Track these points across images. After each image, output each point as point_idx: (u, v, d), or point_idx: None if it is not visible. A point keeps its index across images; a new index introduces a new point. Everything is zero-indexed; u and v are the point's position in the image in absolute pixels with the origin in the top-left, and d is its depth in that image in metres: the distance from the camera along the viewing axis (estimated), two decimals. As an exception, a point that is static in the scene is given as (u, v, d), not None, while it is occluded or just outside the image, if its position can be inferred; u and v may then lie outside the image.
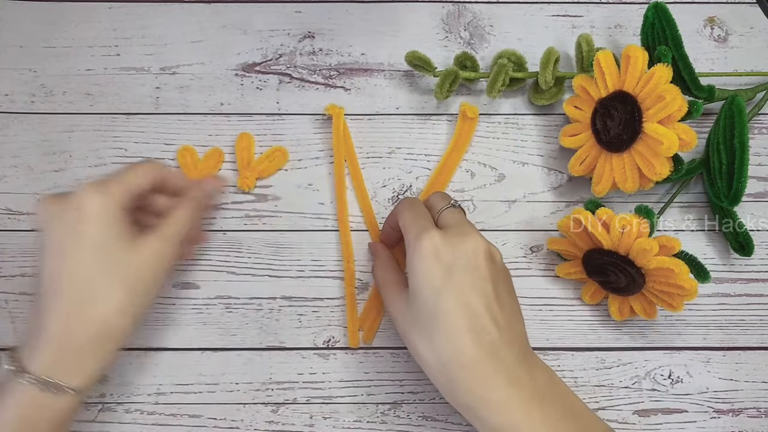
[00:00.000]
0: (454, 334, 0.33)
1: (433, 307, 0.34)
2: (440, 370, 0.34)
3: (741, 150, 0.40)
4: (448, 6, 0.49)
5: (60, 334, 0.34)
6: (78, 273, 0.34)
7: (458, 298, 0.33)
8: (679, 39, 0.40)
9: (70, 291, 0.34)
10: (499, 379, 0.33)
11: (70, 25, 0.48)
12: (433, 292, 0.34)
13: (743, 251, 0.44)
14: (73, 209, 0.35)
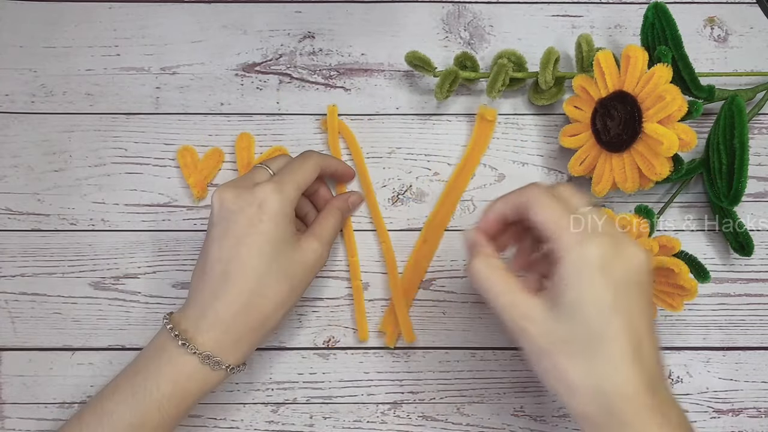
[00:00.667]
0: (622, 361, 0.30)
1: (600, 329, 0.30)
2: (596, 401, 0.30)
3: (741, 150, 0.40)
4: (448, 6, 0.49)
5: (228, 319, 0.36)
6: (253, 266, 0.37)
7: (629, 322, 0.30)
8: (679, 39, 0.40)
9: (244, 282, 0.36)
10: (656, 417, 0.30)
11: (70, 25, 0.48)
12: (603, 313, 0.30)
13: (743, 251, 0.44)
14: (256, 205, 0.37)
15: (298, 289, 0.39)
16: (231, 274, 0.37)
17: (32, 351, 0.44)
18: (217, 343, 0.36)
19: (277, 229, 0.37)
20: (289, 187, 0.38)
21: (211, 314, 0.36)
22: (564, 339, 0.30)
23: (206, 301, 0.37)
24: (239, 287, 0.36)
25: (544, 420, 0.44)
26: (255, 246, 0.37)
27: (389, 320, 0.44)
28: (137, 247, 0.45)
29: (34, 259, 0.45)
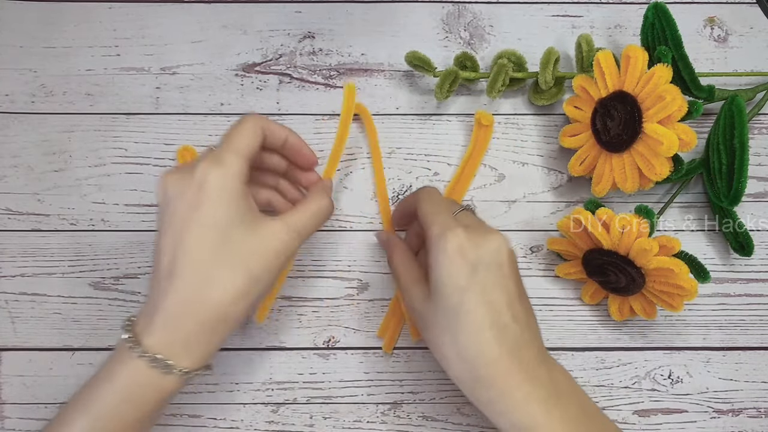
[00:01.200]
0: (478, 332, 0.33)
1: (456, 304, 0.33)
2: (463, 367, 0.34)
3: (741, 150, 0.40)
4: (448, 6, 0.49)
5: (175, 317, 0.33)
6: (197, 256, 0.33)
7: (482, 297, 0.33)
8: (679, 39, 0.40)
9: (189, 273, 0.33)
10: (520, 376, 0.33)
11: (70, 25, 0.48)
12: (458, 290, 0.33)
13: (743, 251, 0.44)
14: (195, 186, 0.33)
15: (262, 278, 0.34)
16: (176, 267, 0.33)
17: (32, 351, 0.44)
18: (166, 344, 0.33)
19: (223, 209, 0.33)
20: (228, 157, 0.34)
21: (160, 313, 0.33)
22: (435, 318, 0.35)
23: (156, 299, 0.33)
24: (184, 280, 0.33)
25: (544, 420, 0.44)
26: (197, 232, 0.33)
27: (387, 325, 0.44)
28: (137, 247, 0.45)
29: (34, 259, 0.45)
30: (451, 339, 0.34)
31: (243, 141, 0.35)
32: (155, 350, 0.33)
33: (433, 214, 0.36)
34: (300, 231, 0.36)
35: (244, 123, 0.36)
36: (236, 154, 0.34)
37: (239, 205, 0.34)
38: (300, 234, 0.36)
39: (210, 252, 0.33)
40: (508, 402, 0.33)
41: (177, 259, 0.33)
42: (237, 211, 0.34)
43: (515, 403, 0.33)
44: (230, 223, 0.33)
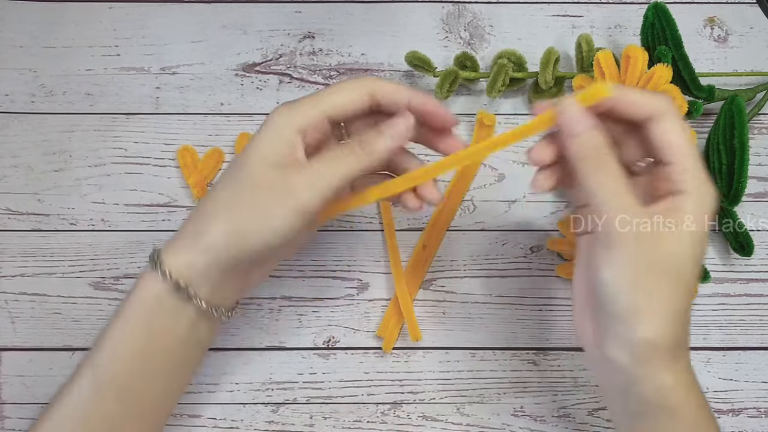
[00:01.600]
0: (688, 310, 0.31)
1: (691, 269, 0.30)
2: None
3: (741, 150, 0.40)
4: (448, 6, 0.49)
5: (190, 244, 0.32)
6: (238, 190, 0.32)
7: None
8: (679, 39, 0.40)
9: (208, 198, 0.33)
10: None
11: (70, 25, 0.48)
12: (697, 256, 0.30)
13: (743, 251, 0.44)
14: (264, 123, 0.33)
15: (251, 210, 0.32)
16: (207, 198, 0.34)
17: (32, 351, 0.44)
18: (186, 266, 0.32)
19: (270, 150, 0.32)
20: (303, 109, 0.32)
21: (180, 238, 0.33)
22: (664, 262, 0.30)
23: (183, 226, 0.34)
24: (204, 202, 0.33)
25: (544, 420, 0.44)
26: (244, 168, 0.32)
27: (387, 325, 0.44)
28: (137, 247, 0.45)
29: (34, 259, 0.45)
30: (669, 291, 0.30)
31: (331, 97, 0.33)
32: (176, 272, 0.32)
33: (690, 149, 0.30)
34: (325, 184, 0.32)
35: (348, 82, 0.33)
36: (314, 107, 0.32)
37: (281, 147, 0.32)
38: (324, 187, 0.32)
39: (230, 184, 0.33)
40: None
41: (207, 197, 0.33)
42: (280, 152, 0.32)
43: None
44: (274, 162, 0.32)
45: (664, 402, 0.30)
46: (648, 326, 0.29)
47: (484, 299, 0.45)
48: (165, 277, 0.32)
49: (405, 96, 0.34)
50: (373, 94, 0.33)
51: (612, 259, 0.29)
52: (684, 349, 0.31)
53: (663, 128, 0.30)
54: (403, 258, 0.45)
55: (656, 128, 0.30)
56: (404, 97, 0.34)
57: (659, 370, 0.30)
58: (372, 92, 0.33)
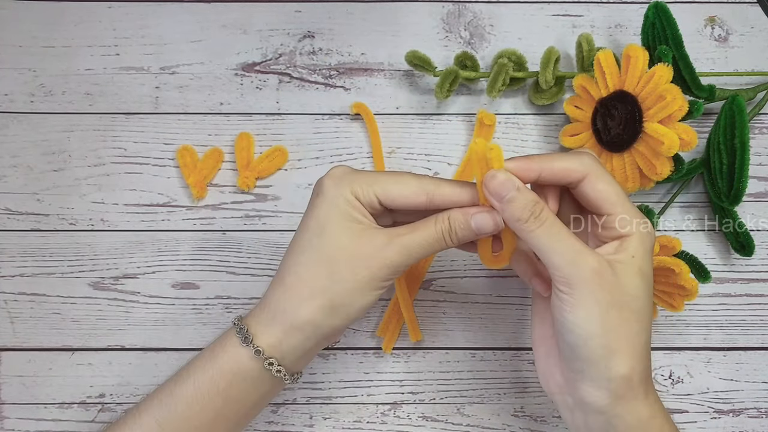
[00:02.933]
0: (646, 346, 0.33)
1: (646, 301, 0.32)
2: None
3: (741, 150, 0.40)
4: (449, 6, 0.49)
5: (272, 314, 0.34)
6: (296, 259, 0.33)
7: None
8: (679, 39, 0.40)
9: (286, 274, 0.34)
10: None
11: (69, 25, 0.48)
12: (649, 290, 0.32)
13: (744, 251, 0.44)
14: (317, 191, 0.34)
15: (356, 290, 0.32)
16: (281, 267, 0.34)
17: (31, 351, 0.44)
18: (279, 342, 0.33)
19: (327, 209, 0.33)
20: (364, 180, 0.33)
21: (262, 309, 0.34)
22: (624, 298, 0.31)
23: (265, 295, 0.35)
24: (283, 263, 0.34)
25: (544, 420, 0.44)
26: (299, 230, 0.34)
27: (387, 325, 0.44)
28: (136, 247, 0.45)
29: (33, 259, 0.45)
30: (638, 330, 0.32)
31: (388, 184, 0.33)
32: (269, 349, 0.33)
33: (622, 197, 0.32)
34: (409, 247, 0.33)
35: (410, 177, 0.34)
36: (366, 185, 0.33)
37: (345, 209, 0.33)
38: (409, 251, 0.33)
39: (301, 243, 0.33)
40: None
41: (285, 258, 0.34)
42: (340, 213, 0.33)
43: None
44: (331, 220, 0.33)
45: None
46: (622, 363, 0.30)
47: (484, 299, 0.45)
48: (257, 355, 0.33)
49: (466, 198, 0.33)
50: (431, 197, 0.33)
51: (576, 302, 0.30)
52: (650, 381, 0.32)
53: (596, 187, 0.32)
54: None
55: (589, 187, 0.32)
56: (464, 198, 0.33)
57: (636, 404, 0.31)
58: (429, 195, 0.33)
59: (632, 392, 0.31)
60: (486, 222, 0.33)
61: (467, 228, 0.33)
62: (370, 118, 0.46)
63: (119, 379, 0.44)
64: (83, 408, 0.44)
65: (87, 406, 0.44)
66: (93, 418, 0.43)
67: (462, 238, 0.33)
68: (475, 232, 0.33)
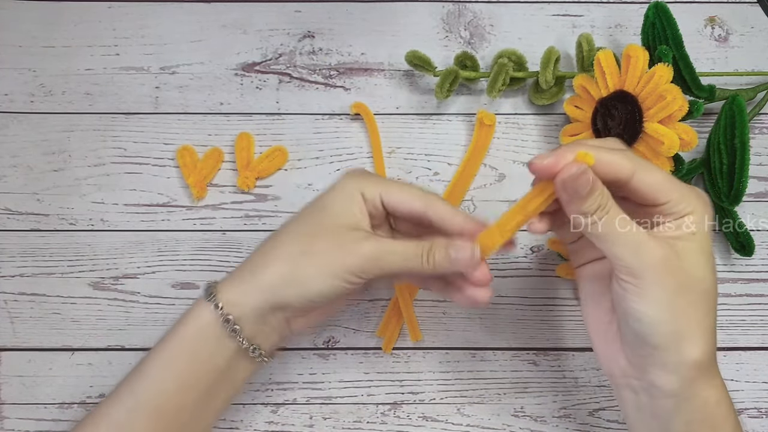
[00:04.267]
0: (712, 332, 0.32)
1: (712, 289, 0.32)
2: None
3: (742, 150, 0.40)
4: (449, 5, 0.49)
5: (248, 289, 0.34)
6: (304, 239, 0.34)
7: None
8: (679, 39, 0.40)
9: (266, 241, 0.35)
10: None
11: (69, 25, 0.48)
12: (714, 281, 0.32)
13: (744, 251, 0.44)
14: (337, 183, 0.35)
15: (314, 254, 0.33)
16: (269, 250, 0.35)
17: (31, 351, 0.44)
18: (239, 301, 0.34)
19: (336, 206, 0.34)
20: (372, 179, 0.35)
21: (238, 278, 0.35)
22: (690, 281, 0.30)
23: (244, 267, 0.35)
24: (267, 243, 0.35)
25: (544, 420, 0.44)
26: (303, 216, 0.35)
27: (387, 325, 0.44)
28: (136, 247, 0.45)
29: (33, 259, 0.45)
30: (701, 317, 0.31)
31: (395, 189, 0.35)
32: (228, 305, 0.34)
33: (673, 183, 0.31)
34: (385, 251, 0.33)
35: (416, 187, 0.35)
36: (379, 184, 0.35)
37: (349, 206, 0.34)
38: (384, 254, 0.33)
39: (294, 228, 0.35)
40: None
41: (275, 235, 0.35)
42: (350, 215, 0.34)
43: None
44: (331, 225, 0.34)
45: (708, 419, 0.31)
46: (694, 347, 0.30)
47: (484, 299, 0.45)
48: (216, 309, 0.34)
49: (458, 223, 0.34)
50: (427, 210, 0.34)
51: (643, 291, 0.30)
52: (716, 362, 0.32)
53: (647, 181, 0.30)
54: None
55: (640, 182, 0.30)
56: (456, 223, 0.34)
57: (706, 388, 0.31)
58: (426, 208, 0.34)
59: (702, 376, 0.30)
60: (464, 254, 0.33)
61: (446, 256, 0.33)
62: (370, 118, 0.46)
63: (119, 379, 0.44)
64: (83, 408, 0.44)
65: (87, 406, 0.44)
66: (93, 418, 0.43)
67: (438, 263, 0.33)
68: (451, 261, 0.33)
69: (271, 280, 0.34)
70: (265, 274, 0.34)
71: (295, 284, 0.33)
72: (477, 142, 0.46)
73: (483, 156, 0.46)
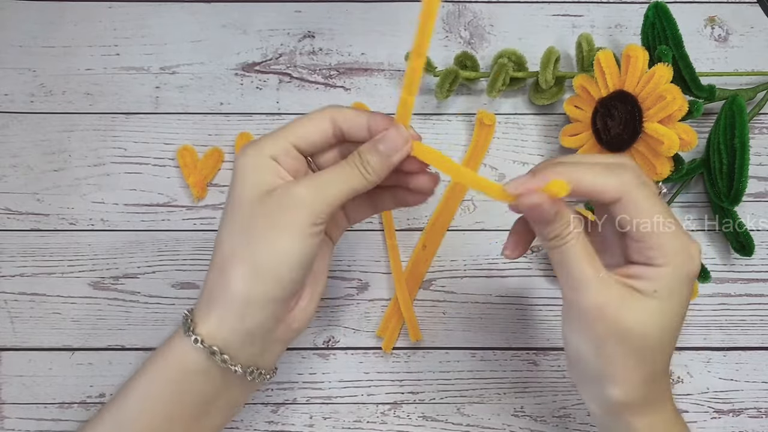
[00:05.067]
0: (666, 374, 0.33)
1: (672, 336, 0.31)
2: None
3: (741, 150, 0.40)
4: (449, 5, 0.49)
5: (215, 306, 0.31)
6: (228, 246, 0.31)
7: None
8: (679, 38, 0.40)
9: (219, 262, 0.31)
10: None
11: (69, 25, 0.48)
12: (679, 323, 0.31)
13: (744, 251, 0.44)
14: (234, 170, 0.31)
15: (261, 236, 0.30)
16: (214, 255, 0.32)
17: (31, 351, 0.44)
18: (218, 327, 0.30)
19: (247, 181, 0.30)
20: (267, 145, 0.31)
21: (205, 301, 0.31)
22: (627, 335, 0.29)
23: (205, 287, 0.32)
24: (216, 269, 0.31)
25: (544, 420, 0.44)
26: (228, 219, 0.31)
27: (387, 325, 0.44)
28: (136, 247, 0.45)
29: (33, 258, 0.45)
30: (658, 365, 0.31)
31: (293, 128, 0.31)
32: (209, 337, 0.30)
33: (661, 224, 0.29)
34: (325, 184, 0.30)
35: (310, 113, 0.32)
36: (277, 141, 0.31)
37: (264, 180, 0.30)
38: (325, 187, 0.30)
39: (227, 226, 0.31)
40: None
41: (216, 246, 0.31)
42: (260, 186, 0.30)
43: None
44: (254, 200, 0.30)
45: None
46: (617, 390, 0.30)
47: (484, 299, 0.45)
48: (196, 343, 0.30)
49: (363, 119, 0.31)
50: (334, 120, 0.32)
51: (577, 328, 0.30)
52: (662, 400, 0.32)
53: (629, 212, 0.29)
54: (403, 258, 0.45)
55: (622, 211, 0.29)
56: (363, 120, 0.31)
57: (632, 419, 0.31)
58: (332, 119, 0.32)
59: (629, 412, 0.30)
60: (394, 141, 0.30)
61: (378, 153, 0.30)
62: None
63: (119, 379, 0.44)
64: (83, 408, 0.44)
65: (87, 406, 0.44)
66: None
67: (378, 168, 0.31)
68: (387, 155, 0.30)
69: (236, 290, 0.30)
70: (229, 290, 0.30)
71: (263, 277, 0.30)
72: (477, 142, 0.46)
73: (483, 156, 0.46)
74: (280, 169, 0.31)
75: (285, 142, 0.31)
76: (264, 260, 0.30)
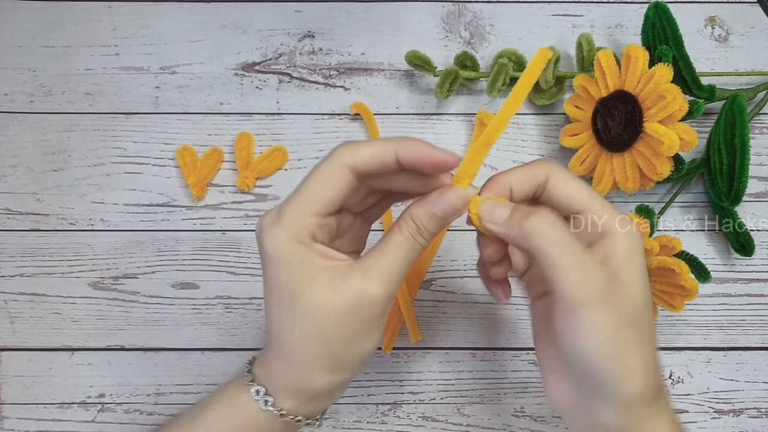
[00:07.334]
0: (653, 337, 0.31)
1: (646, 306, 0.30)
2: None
3: (742, 150, 0.40)
4: (449, 5, 0.49)
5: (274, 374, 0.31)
6: (278, 324, 0.29)
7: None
8: (679, 38, 0.40)
9: (274, 340, 0.30)
10: None
11: (69, 25, 0.48)
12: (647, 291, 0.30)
13: (744, 251, 0.44)
14: (261, 252, 0.29)
15: (339, 343, 0.29)
16: (268, 330, 0.31)
17: (31, 351, 0.44)
18: (296, 408, 0.31)
19: (283, 271, 0.29)
20: (287, 213, 0.29)
21: (264, 359, 0.31)
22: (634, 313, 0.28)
23: (265, 346, 0.32)
24: (271, 335, 0.30)
25: (544, 420, 0.44)
26: (270, 298, 0.30)
27: (387, 325, 0.44)
28: (136, 247, 0.45)
29: (33, 259, 0.45)
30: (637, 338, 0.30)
31: (315, 193, 0.29)
32: (288, 410, 0.30)
33: (591, 193, 0.30)
34: (388, 273, 0.29)
35: (322, 167, 0.29)
36: (298, 209, 0.29)
37: (301, 263, 0.28)
38: (389, 277, 0.29)
39: (281, 314, 0.29)
40: None
41: (269, 327, 0.31)
42: (299, 270, 0.28)
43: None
44: (294, 282, 0.29)
45: None
46: (637, 381, 0.28)
47: (484, 299, 0.45)
48: (282, 417, 0.30)
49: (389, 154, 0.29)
50: (354, 169, 0.29)
51: (585, 329, 0.27)
52: (663, 390, 0.31)
53: (562, 185, 0.30)
54: (403, 258, 0.45)
55: (555, 187, 0.30)
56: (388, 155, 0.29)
57: (647, 423, 0.29)
58: (352, 167, 0.29)
59: (647, 410, 0.29)
60: (450, 202, 0.29)
61: (434, 218, 0.30)
62: (370, 118, 0.46)
63: (119, 379, 0.44)
64: (83, 408, 0.44)
65: (87, 406, 0.44)
66: (93, 418, 0.43)
67: (433, 230, 0.30)
68: (443, 217, 0.30)
69: (321, 385, 0.30)
70: (312, 386, 0.30)
71: (345, 368, 0.30)
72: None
73: (483, 156, 0.46)
74: (318, 247, 0.29)
75: (309, 216, 0.29)
76: (346, 356, 0.30)
